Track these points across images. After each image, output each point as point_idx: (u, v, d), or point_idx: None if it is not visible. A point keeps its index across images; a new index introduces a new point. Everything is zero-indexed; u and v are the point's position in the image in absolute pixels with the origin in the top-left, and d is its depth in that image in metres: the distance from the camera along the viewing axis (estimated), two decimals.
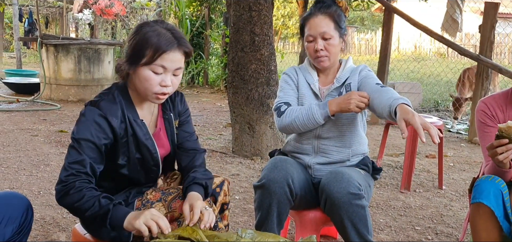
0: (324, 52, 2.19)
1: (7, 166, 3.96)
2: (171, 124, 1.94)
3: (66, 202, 1.67)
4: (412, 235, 2.89)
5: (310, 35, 2.20)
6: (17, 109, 6.84)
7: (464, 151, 5.29)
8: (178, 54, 1.73)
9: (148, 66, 1.70)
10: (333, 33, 2.18)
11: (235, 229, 2.87)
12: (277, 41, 18.92)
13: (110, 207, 1.60)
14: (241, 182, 3.78)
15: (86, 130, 1.69)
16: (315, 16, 2.20)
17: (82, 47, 7.76)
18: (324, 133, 2.23)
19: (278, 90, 2.36)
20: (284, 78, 2.36)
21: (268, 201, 2.08)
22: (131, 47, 1.73)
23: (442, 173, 3.87)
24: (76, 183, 1.64)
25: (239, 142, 4.53)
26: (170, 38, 1.71)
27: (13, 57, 16.20)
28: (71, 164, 1.67)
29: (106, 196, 1.65)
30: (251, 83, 4.34)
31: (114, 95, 1.78)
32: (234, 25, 4.39)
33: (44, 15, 19.07)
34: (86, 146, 1.68)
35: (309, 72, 2.32)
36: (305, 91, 2.28)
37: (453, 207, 3.42)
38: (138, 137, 1.80)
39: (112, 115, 1.73)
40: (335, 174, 2.06)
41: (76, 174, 1.66)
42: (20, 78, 9.35)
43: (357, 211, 2.01)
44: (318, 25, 2.18)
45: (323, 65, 2.23)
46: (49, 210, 3.03)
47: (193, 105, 7.96)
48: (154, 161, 1.87)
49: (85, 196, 1.62)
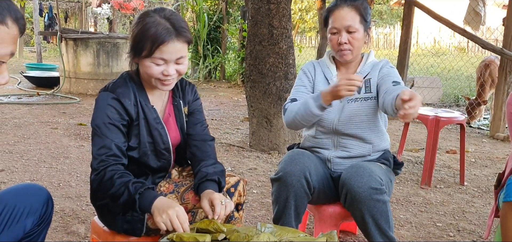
0: (348, 46, 2.15)
1: (27, 158, 4.01)
2: (180, 111, 1.93)
3: (103, 192, 1.69)
4: (433, 232, 2.84)
5: (334, 27, 2.15)
6: (37, 102, 6.93)
7: (486, 147, 5.18)
8: (178, 44, 1.70)
9: (148, 59, 1.70)
10: (358, 26, 2.14)
11: (253, 223, 2.86)
12: (295, 36, 18.83)
13: (136, 197, 1.61)
14: (258, 176, 3.76)
15: (102, 114, 1.72)
16: (341, 8, 2.15)
17: (100, 41, 7.83)
18: (343, 128, 2.19)
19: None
20: (299, 74, 2.34)
21: (285, 194, 2.05)
22: (132, 39, 1.74)
23: (464, 169, 3.79)
24: (106, 170, 1.67)
25: (256, 136, 4.51)
26: (168, 28, 1.68)
27: (33, 51, 16.45)
28: (97, 151, 1.70)
29: (136, 182, 1.66)
30: (269, 76, 4.31)
31: (126, 80, 1.81)
32: (252, 18, 4.35)
33: (64, 9, 19.30)
34: (106, 128, 1.71)
35: (328, 67, 2.29)
36: (322, 87, 2.23)
37: (476, 203, 3.34)
38: (149, 121, 1.80)
39: (125, 97, 1.75)
40: (357, 169, 2.02)
41: (105, 159, 1.69)
42: (40, 72, 9.49)
43: (379, 206, 1.97)
44: (343, 17, 2.13)
45: (346, 58, 2.19)
46: (68, 202, 3.06)
47: (210, 99, 7.97)
48: (165, 145, 1.86)
49: (116, 184, 1.65)
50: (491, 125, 5.85)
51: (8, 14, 1.20)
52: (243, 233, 1.54)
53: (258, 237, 1.50)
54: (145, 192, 1.63)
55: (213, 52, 10.59)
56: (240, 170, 3.91)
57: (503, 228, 1.91)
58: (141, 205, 1.62)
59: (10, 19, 1.21)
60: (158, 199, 1.62)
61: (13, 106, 6.57)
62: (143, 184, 1.67)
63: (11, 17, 1.21)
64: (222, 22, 10.45)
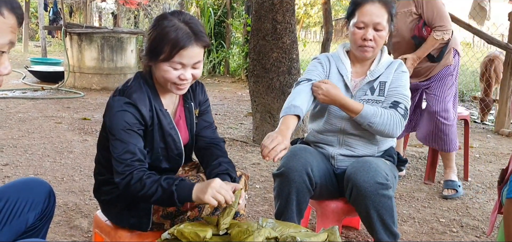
0: (372, 43, 2.10)
1: (32, 152, 4.03)
2: (191, 113, 1.94)
3: (130, 193, 1.71)
4: (437, 227, 2.83)
5: (362, 21, 2.09)
6: (42, 97, 6.95)
7: (490, 143, 5.15)
8: (196, 49, 1.71)
9: (167, 63, 1.69)
10: (385, 24, 2.10)
11: (255, 218, 2.86)
12: (299, 30, 18.78)
13: (173, 189, 1.63)
14: (261, 171, 3.76)
15: (120, 120, 1.71)
16: (372, 3, 2.09)
17: (105, 36, 7.83)
18: (350, 129, 2.17)
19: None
20: (314, 63, 2.26)
21: (287, 189, 2.05)
22: (150, 41, 1.73)
23: (467, 164, 3.78)
24: (134, 173, 1.68)
25: (260, 131, 4.51)
26: (188, 33, 1.68)
27: (38, 45, 16.48)
28: (121, 155, 1.70)
29: (167, 178, 1.68)
30: (272, 71, 4.30)
31: (140, 84, 1.79)
32: (256, 13, 4.34)
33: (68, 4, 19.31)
34: (127, 134, 1.71)
35: (343, 62, 2.23)
36: (335, 81, 2.19)
37: (479, 199, 3.33)
38: (163, 127, 1.80)
39: (141, 103, 1.74)
40: (362, 163, 2.02)
41: (130, 164, 1.69)
42: (45, 67, 9.51)
43: (384, 202, 1.97)
44: (373, 13, 2.08)
45: (366, 55, 2.15)
46: (72, 197, 3.07)
47: (214, 94, 7.97)
48: (177, 150, 1.87)
49: (147, 185, 1.66)
50: (496, 120, 5.82)
51: (4, 4, 1.21)
52: (244, 228, 1.54)
53: (259, 232, 1.50)
54: (180, 183, 1.66)
55: (217, 46, 10.59)
56: (243, 165, 3.91)
57: (506, 225, 1.89)
58: (180, 196, 1.64)
59: (6, 9, 1.21)
60: (196, 186, 1.65)
61: (18, 100, 6.60)
62: (174, 177, 1.70)
63: (7, 6, 1.22)
64: (226, 17, 10.43)
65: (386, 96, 2.14)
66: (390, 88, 2.15)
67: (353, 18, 2.13)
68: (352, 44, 2.18)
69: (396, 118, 2.07)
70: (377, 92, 2.15)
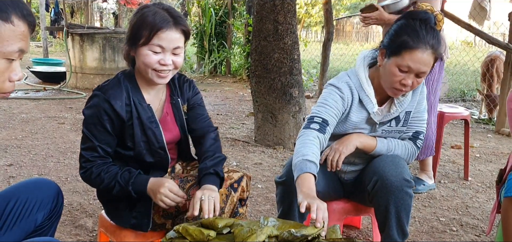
0: (409, 88, 1.96)
1: (35, 153, 4.07)
2: (178, 109, 1.95)
3: (91, 185, 1.86)
4: (437, 226, 2.86)
5: (407, 66, 1.89)
6: (44, 97, 6.99)
7: (491, 142, 5.18)
8: (175, 33, 1.74)
9: (146, 46, 1.73)
10: (428, 70, 1.92)
11: (257, 217, 2.89)
12: (300, 30, 18.79)
13: (130, 188, 1.76)
14: (263, 171, 3.79)
15: (92, 115, 1.79)
16: (425, 50, 1.86)
17: (107, 36, 7.87)
18: (355, 159, 2.19)
19: (321, 97, 2.08)
20: (333, 93, 2.05)
21: (289, 198, 2.05)
22: (130, 28, 1.78)
23: (468, 164, 3.80)
24: (93, 168, 1.79)
25: (261, 131, 4.54)
26: (165, 16, 1.73)
27: (40, 46, 16.51)
28: (84, 150, 1.81)
29: (125, 171, 1.79)
30: (274, 72, 4.33)
31: (119, 79, 1.84)
32: (257, 14, 4.38)
33: (70, 4, 19.35)
34: (95, 129, 1.78)
35: (367, 93, 2.04)
36: (357, 119, 2.07)
37: (479, 199, 3.36)
38: (142, 121, 1.83)
39: (115, 98, 1.78)
40: (392, 158, 2.02)
41: (91, 159, 1.80)
42: (47, 67, 9.54)
43: (406, 199, 1.98)
44: (423, 62, 1.88)
45: (397, 96, 2.04)
46: (76, 196, 3.11)
47: (215, 94, 8.00)
48: (159, 144, 1.88)
49: (105, 180, 1.78)
50: (496, 120, 5.85)
51: (13, 11, 1.18)
52: (246, 227, 1.57)
53: (261, 230, 1.53)
54: (136, 180, 1.77)
55: (219, 47, 10.61)
56: (245, 165, 3.94)
57: (504, 224, 1.92)
58: (136, 192, 1.77)
59: (16, 16, 1.19)
60: (150, 182, 1.76)
61: (20, 101, 6.64)
62: (130, 172, 1.79)
63: (17, 14, 1.19)
64: (227, 17, 10.46)
65: (408, 126, 2.14)
66: (413, 116, 2.13)
67: (397, 57, 1.91)
68: (385, 80, 1.99)
69: (411, 151, 2.12)
70: (402, 123, 2.12)
